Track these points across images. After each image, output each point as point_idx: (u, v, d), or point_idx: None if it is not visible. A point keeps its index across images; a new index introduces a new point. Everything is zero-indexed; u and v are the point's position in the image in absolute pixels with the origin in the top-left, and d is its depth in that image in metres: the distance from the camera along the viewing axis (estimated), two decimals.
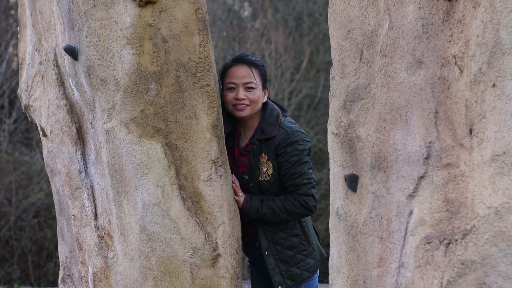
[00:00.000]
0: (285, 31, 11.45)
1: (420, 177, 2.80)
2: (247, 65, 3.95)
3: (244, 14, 13.08)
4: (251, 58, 4.00)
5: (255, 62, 3.97)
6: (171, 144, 3.60)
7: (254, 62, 3.97)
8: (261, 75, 3.96)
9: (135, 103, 3.58)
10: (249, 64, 3.95)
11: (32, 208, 11.04)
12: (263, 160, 3.88)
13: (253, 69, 3.94)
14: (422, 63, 2.80)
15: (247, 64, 3.95)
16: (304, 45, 11.41)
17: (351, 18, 3.12)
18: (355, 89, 3.10)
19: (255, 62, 3.97)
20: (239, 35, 11.68)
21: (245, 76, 3.92)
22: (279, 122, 3.91)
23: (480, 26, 2.60)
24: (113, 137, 3.61)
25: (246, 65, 3.94)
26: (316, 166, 11.51)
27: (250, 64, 3.95)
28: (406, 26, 2.86)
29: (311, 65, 11.53)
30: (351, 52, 3.13)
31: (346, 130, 3.11)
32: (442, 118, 2.73)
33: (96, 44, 3.60)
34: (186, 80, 3.61)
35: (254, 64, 3.96)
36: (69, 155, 3.92)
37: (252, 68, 3.94)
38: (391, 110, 2.92)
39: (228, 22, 11.91)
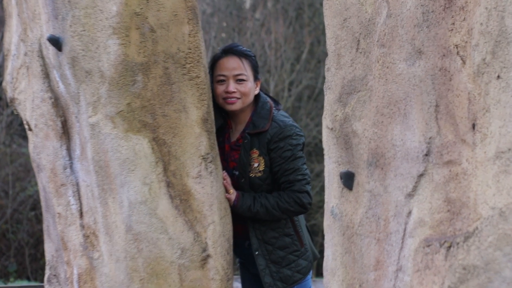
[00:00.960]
0: (285, 21, 11.28)
1: (420, 175, 2.64)
2: (238, 56, 3.78)
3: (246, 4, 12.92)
4: (241, 49, 3.82)
5: (245, 53, 3.80)
6: (159, 139, 3.44)
7: (245, 53, 3.80)
8: (252, 66, 3.79)
9: (121, 96, 3.41)
10: (239, 55, 3.78)
11: (29, 200, 10.92)
12: (255, 155, 3.72)
13: (244, 60, 3.77)
14: (422, 53, 2.63)
15: (237, 55, 3.78)
16: (305, 35, 11.25)
17: (347, 5, 2.95)
18: (351, 81, 2.93)
19: (245, 53, 3.80)
20: (239, 25, 11.52)
21: (235, 67, 3.75)
22: (272, 115, 3.74)
23: (484, 13, 2.43)
24: (98, 132, 3.45)
25: (236, 56, 3.77)
26: (317, 158, 11.36)
27: (240, 55, 3.78)
28: (405, 14, 2.70)
29: (311, 55, 11.37)
30: (347, 41, 2.96)
31: (342, 125, 2.95)
32: (443, 112, 2.57)
33: (81, 34, 3.43)
34: (175, 71, 3.44)
35: (244, 54, 3.79)
36: (54, 150, 3.76)
37: (242, 59, 3.77)
38: (389, 103, 2.76)
39: (228, 12, 11.75)
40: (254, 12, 11.82)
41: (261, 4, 11.30)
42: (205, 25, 11.41)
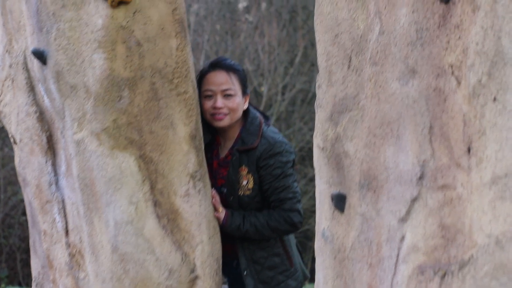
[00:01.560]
0: (279, 24, 11.18)
1: (413, 199, 2.55)
2: (225, 70, 3.68)
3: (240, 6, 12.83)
4: (229, 63, 3.72)
5: (233, 67, 3.70)
6: (146, 157, 3.34)
7: (233, 67, 3.70)
8: (240, 80, 3.70)
9: (107, 112, 3.31)
10: (227, 69, 3.68)
11: (21, 205, 10.82)
12: (243, 173, 3.62)
13: (232, 74, 3.67)
14: (415, 73, 2.54)
15: (225, 69, 3.68)
16: (298, 38, 11.14)
17: (339, 21, 2.86)
18: (343, 99, 2.84)
19: (233, 67, 3.70)
20: (232, 28, 11.42)
21: (223, 82, 3.65)
22: (261, 131, 3.65)
23: (480, 32, 2.35)
24: (83, 149, 3.35)
25: (224, 71, 3.67)
26: (310, 162, 11.27)
27: (228, 69, 3.68)
28: (398, 31, 2.61)
29: (305, 58, 11.27)
30: (338, 58, 2.87)
31: (333, 145, 2.86)
32: (438, 134, 2.49)
33: (66, 48, 3.33)
34: (162, 87, 3.35)
35: (232, 68, 3.69)
36: (39, 166, 3.66)
37: (230, 73, 3.67)
38: (381, 123, 2.67)
39: (221, 15, 11.65)
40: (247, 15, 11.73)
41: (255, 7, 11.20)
42: (198, 27, 11.31)
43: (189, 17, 11.47)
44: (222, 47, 11.14)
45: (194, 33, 11.16)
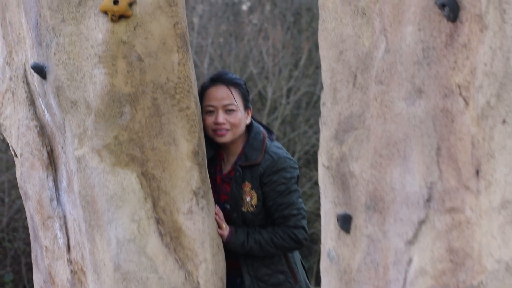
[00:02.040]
0: (283, 26, 11.11)
1: (421, 221, 2.50)
2: (226, 85, 3.61)
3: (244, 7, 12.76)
4: (230, 77, 3.66)
5: (234, 81, 3.64)
6: (148, 174, 3.29)
7: (234, 81, 3.64)
8: (242, 94, 3.63)
9: (108, 128, 3.26)
10: (228, 84, 3.61)
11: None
12: (247, 189, 3.56)
13: (233, 89, 3.61)
14: (422, 93, 2.49)
15: (226, 84, 3.61)
16: (303, 41, 11.07)
17: (344, 37, 2.80)
18: (348, 118, 2.78)
19: (234, 81, 3.64)
20: (236, 30, 11.35)
21: (224, 97, 3.59)
22: (265, 147, 3.58)
23: (488, 52, 2.29)
24: (84, 166, 3.30)
25: (225, 85, 3.61)
26: (315, 165, 11.21)
27: (229, 83, 3.62)
28: (404, 50, 2.55)
29: (310, 61, 11.20)
30: (343, 75, 2.81)
31: (338, 164, 2.80)
32: (445, 156, 2.43)
33: (66, 63, 3.28)
34: (164, 102, 3.29)
35: (233, 83, 3.63)
36: (40, 181, 3.61)
37: (231, 88, 3.61)
38: (387, 144, 2.61)
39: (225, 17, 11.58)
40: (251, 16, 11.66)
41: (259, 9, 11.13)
42: (201, 30, 11.25)
43: (193, 19, 11.42)
44: (226, 49, 11.08)
45: (198, 35, 11.11)
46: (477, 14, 2.33)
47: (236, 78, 3.66)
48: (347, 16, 2.79)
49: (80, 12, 3.26)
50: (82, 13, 3.26)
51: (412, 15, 2.52)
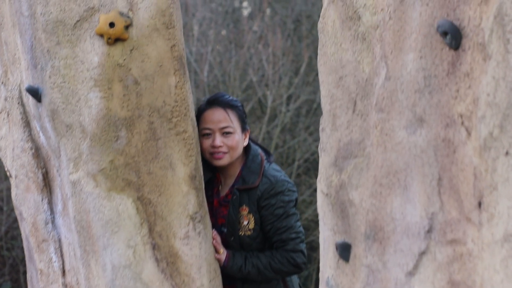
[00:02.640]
0: (283, 33, 11.06)
1: (421, 252, 2.44)
2: (223, 107, 3.56)
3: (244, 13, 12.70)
4: (227, 99, 3.60)
5: (231, 103, 3.59)
6: (144, 198, 3.23)
7: (231, 103, 3.59)
8: (239, 116, 3.58)
9: (104, 152, 3.21)
10: (224, 106, 3.56)
11: None
12: (244, 213, 3.51)
13: (230, 111, 3.56)
14: (423, 122, 2.43)
15: (223, 106, 3.56)
16: (303, 48, 11.01)
17: (343, 63, 2.75)
18: (347, 144, 2.73)
19: (231, 103, 3.59)
20: (236, 37, 11.29)
21: (221, 120, 3.54)
22: (263, 170, 3.53)
23: (491, 83, 2.23)
24: (79, 190, 3.24)
25: (222, 108, 3.56)
26: (315, 173, 11.15)
27: (225, 106, 3.57)
28: (405, 78, 2.49)
29: (310, 68, 11.14)
30: (343, 101, 2.76)
31: (338, 192, 2.74)
32: (447, 187, 2.37)
33: (61, 86, 3.23)
34: (161, 126, 3.24)
35: (230, 105, 3.58)
36: (35, 203, 3.55)
37: (228, 110, 3.56)
38: (388, 173, 2.56)
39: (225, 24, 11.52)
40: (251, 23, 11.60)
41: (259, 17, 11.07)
42: (201, 37, 11.19)
43: (193, 26, 11.37)
44: (226, 57, 11.02)
45: (197, 42, 11.05)
46: (480, 43, 2.28)
47: (233, 100, 3.61)
48: (347, 41, 2.74)
49: (75, 35, 3.21)
50: (77, 35, 3.21)
51: (413, 42, 2.47)
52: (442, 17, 2.39)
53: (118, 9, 3.19)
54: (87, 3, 3.20)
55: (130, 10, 3.19)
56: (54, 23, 3.22)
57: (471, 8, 2.31)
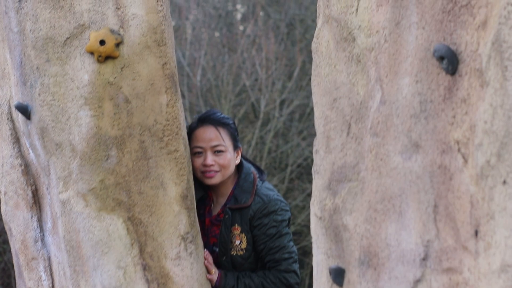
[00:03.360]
0: (277, 37, 11.02)
1: (416, 280, 2.40)
2: (214, 125, 3.51)
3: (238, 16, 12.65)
4: (218, 116, 3.55)
5: (223, 121, 3.54)
6: (135, 219, 3.18)
7: (222, 121, 3.54)
8: (231, 134, 3.53)
9: (94, 172, 3.16)
10: (216, 124, 3.51)
11: None
12: (236, 232, 3.46)
13: (221, 129, 3.51)
14: (419, 147, 2.39)
15: (214, 124, 3.51)
16: (296, 52, 10.97)
17: (337, 84, 2.71)
18: (341, 168, 2.69)
19: (223, 121, 3.54)
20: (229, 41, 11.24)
21: (212, 138, 3.49)
22: (255, 188, 3.48)
23: (489, 110, 2.19)
24: (69, 210, 3.19)
25: (213, 126, 3.51)
26: (308, 177, 11.11)
27: (217, 123, 3.52)
28: (400, 102, 2.45)
29: (303, 73, 11.11)
30: (337, 124, 2.71)
31: (331, 216, 2.70)
32: (443, 214, 2.33)
33: (50, 104, 3.17)
34: (152, 145, 3.19)
35: (221, 123, 3.53)
36: (24, 221, 3.50)
37: (219, 128, 3.51)
38: (382, 198, 2.51)
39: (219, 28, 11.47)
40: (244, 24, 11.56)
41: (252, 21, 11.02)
42: (194, 41, 11.14)
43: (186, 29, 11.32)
44: (219, 61, 10.97)
45: (190, 46, 11.00)
46: (477, 68, 2.23)
47: (224, 118, 3.56)
48: (341, 63, 2.70)
49: (65, 52, 3.16)
50: (67, 53, 3.16)
51: (409, 66, 2.43)
52: (439, 41, 2.35)
53: (109, 26, 3.14)
54: (77, 20, 3.15)
55: (121, 28, 3.14)
56: (44, 40, 3.17)
57: (468, 33, 2.27)
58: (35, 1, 3.17)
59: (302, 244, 10.98)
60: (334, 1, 2.71)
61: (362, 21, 2.61)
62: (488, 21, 2.21)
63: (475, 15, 2.26)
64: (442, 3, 2.33)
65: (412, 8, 2.42)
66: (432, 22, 2.36)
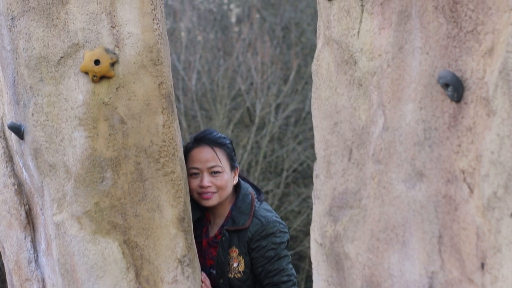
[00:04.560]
0: (272, 41, 10.96)
1: None
2: (210, 145, 3.44)
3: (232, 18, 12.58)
4: (214, 136, 3.49)
5: (219, 141, 3.47)
6: (130, 242, 3.11)
7: (218, 141, 3.47)
8: (227, 155, 3.47)
9: (89, 194, 3.09)
10: (212, 145, 3.45)
11: None
12: (234, 255, 3.40)
13: (217, 149, 3.44)
14: (423, 176, 2.32)
15: (210, 145, 3.45)
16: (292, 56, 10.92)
17: (338, 108, 2.64)
18: (342, 193, 2.62)
19: (219, 141, 3.47)
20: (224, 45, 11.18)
21: (208, 159, 3.42)
22: (253, 210, 3.42)
23: (496, 140, 2.13)
24: (63, 232, 3.12)
25: (209, 146, 3.44)
26: (304, 181, 11.08)
27: (213, 144, 3.45)
28: (404, 129, 2.38)
29: (299, 76, 11.06)
30: (338, 148, 2.64)
31: (332, 243, 2.63)
32: (448, 245, 2.27)
33: (44, 124, 3.10)
34: (148, 166, 3.12)
35: (218, 143, 3.46)
36: (17, 241, 3.43)
37: (216, 148, 3.44)
38: (385, 227, 2.45)
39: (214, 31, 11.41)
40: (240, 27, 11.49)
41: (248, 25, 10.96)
42: (189, 45, 11.07)
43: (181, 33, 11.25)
44: (214, 65, 10.91)
45: (186, 50, 10.94)
46: (484, 97, 2.17)
47: (220, 138, 3.49)
48: (342, 86, 2.63)
49: (59, 72, 3.09)
50: (61, 72, 3.09)
51: (412, 92, 2.36)
52: (443, 67, 2.28)
53: (104, 45, 3.07)
54: (71, 39, 3.08)
55: (116, 47, 3.07)
56: (37, 59, 3.09)
57: (474, 59, 2.21)
58: (28, 19, 3.10)
59: (297, 249, 10.94)
60: (335, 23, 2.64)
61: (364, 44, 2.55)
62: (495, 48, 2.15)
63: (481, 41, 2.19)
64: (447, 28, 2.26)
65: (416, 32, 2.35)
66: (437, 47, 2.29)
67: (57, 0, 3.09)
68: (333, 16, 2.65)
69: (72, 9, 3.08)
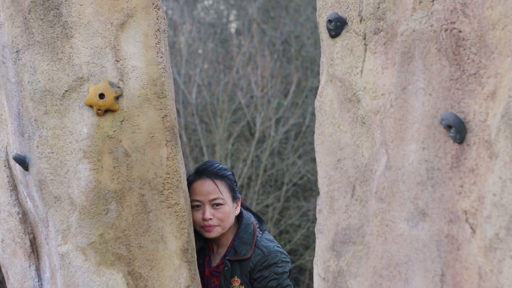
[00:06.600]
0: (272, 55, 10.98)
1: None
2: (211, 178, 3.47)
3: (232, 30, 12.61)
4: (215, 168, 3.51)
5: (220, 173, 3.49)
6: (135, 273, 3.14)
7: (219, 173, 3.49)
8: (229, 186, 3.49)
9: (93, 226, 3.11)
10: (213, 177, 3.47)
11: None
12: (236, 284, 3.42)
13: (219, 182, 3.47)
14: (426, 215, 2.35)
15: (211, 177, 3.47)
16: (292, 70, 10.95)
17: (342, 145, 2.66)
18: (345, 229, 2.65)
19: (220, 173, 3.49)
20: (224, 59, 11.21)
21: (210, 192, 3.45)
22: (255, 240, 3.44)
23: (498, 183, 2.15)
24: (68, 263, 3.14)
25: (210, 179, 3.47)
26: (304, 195, 11.09)
27: (214, 176, 3.47)
28: (407, 168, 2.41)
29: (299, 90, 11.08)
30: (341, 185, 2.67)
31: (335, 278, 2.66)
32: (450, 284, 2.29)
33: (49, 156, 3.13)
34: (152, 199, 3.14)
35: (219, 175, 3.48)
36: (22, 270, 3.45)
37: (217, 181, 3.46)
38: (388, 265, 2.47)
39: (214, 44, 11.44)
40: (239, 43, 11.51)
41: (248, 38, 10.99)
42: (189, 59, 11.10)
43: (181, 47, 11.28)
44: (215, 79, 10.94)
45: (186, 64, 10.96)
46: (486, 140, 2.20)
47: (222, 169, 3.51)
48: (345, 123, 2.66)
49: (64, 105, 3.11)
50: (66, 106, 3.11)
51: (415, 132, 2.39)
52: (446, 108, 2.31)
53: (108, 79, 3.09)
54: (76, 73, 3.10)
55: (121, 80, 3.10)
56: (42, 92, 3.12)
57: (477, 102, 2.23)
58: (33, 53, 3.12)
59: (297, 262, 10.94)
60: (338, 61, 2.67)
61: (367, 83, 2.58)
62: (498, 92, 2.18)
63: (483, 84, 2.22)
64: (450, 71, 2.29)
65: (418, 73, 2.38)
66: (440, 89, 2.32)
67: (62, 34, 3.11)
68: (336, 54, 2.68)
69: (77, 43, 3.11)
